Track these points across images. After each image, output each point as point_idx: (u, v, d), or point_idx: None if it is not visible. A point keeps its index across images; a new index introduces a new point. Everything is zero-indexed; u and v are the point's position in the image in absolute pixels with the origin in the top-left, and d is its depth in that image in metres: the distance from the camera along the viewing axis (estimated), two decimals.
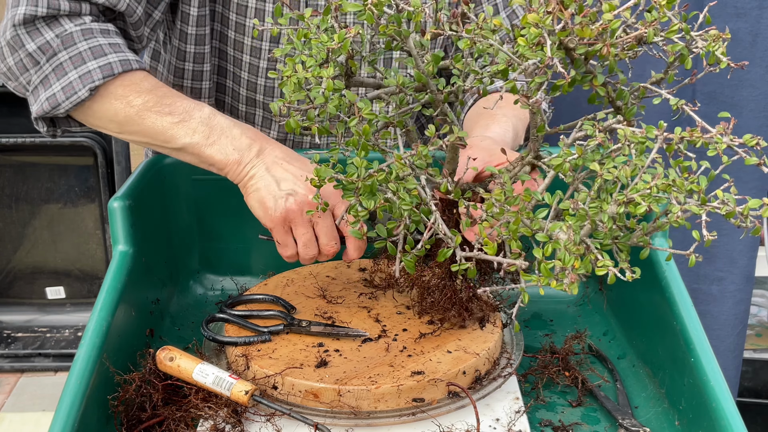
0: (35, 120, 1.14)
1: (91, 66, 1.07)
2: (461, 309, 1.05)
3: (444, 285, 1.04)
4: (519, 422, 0.97)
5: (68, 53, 1.08)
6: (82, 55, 1.07)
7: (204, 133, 1.08)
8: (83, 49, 1.08)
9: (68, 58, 1.08)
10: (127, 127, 1.10)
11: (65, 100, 1.08)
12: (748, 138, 0.80)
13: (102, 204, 2.70)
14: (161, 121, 1.08)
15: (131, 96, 1.08)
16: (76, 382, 0.90)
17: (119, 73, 1.08)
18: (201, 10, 1.24)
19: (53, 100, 1.08)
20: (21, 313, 2.86)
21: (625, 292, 1.20)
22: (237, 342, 1.04)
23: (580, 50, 0.82)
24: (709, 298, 1.88)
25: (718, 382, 0.91)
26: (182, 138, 1.08)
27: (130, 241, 1.11)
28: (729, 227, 1.82)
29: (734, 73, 1.71)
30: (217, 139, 1.07)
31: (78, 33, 1.09)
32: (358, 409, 0.95)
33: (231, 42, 1.27)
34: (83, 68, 1.07)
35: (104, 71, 1.07)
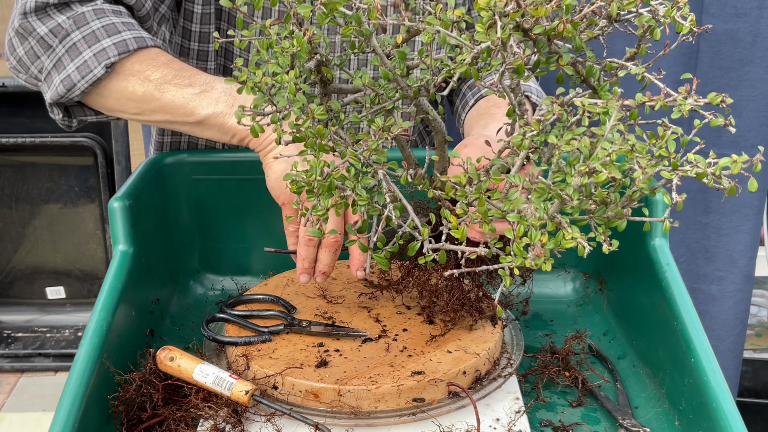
0: (50, 106, 1.12)
1: (106, 43, 1.05)
2: (471, 309, 1.04)
3: (452, 286, 1.04)
4: (519, 422, 0.97)
5: (81, 33, 1.06)
6: (95, 33, 1.06)
7: (227, 102, 1.06)
8: (96, 27, 1.06)
9: (81, 38, 1.06)
10: (146, 105, 1.08)
11: (81, 80, 1.06)
12: (713, 96, 0.79)
13: (102, 204, 2.70)
14: (182, 93, 1.06)
15: (149, 71, 1.06)
16: (76, 382, 0.90)
17: (134, 50, 1.06)
18: (206, 8, 1.24)
19: (68, 81, 1.06)
20: (21, 313, 2.86)
21: (625, 292, 1.20)
22: (237, 342, 1.04)
23: (536, 30, 0.82)
24: (709, 298, 1.88)
25: (718, 382, 0.91)
26: (205, 108, 1.05)
27: (130, 241, 1.11)
28: (728, 227, 1.82)
29: (734, 73, 1.71)
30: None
31: (90, 12, 1.07)
32: (358, 409, 0.95)
33: (234, 58, 1.28)
34: (97, 46, 1.05)
35: (119, 48, 1.05)
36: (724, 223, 1.82)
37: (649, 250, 1.10)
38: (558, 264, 1.31)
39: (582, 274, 1.31)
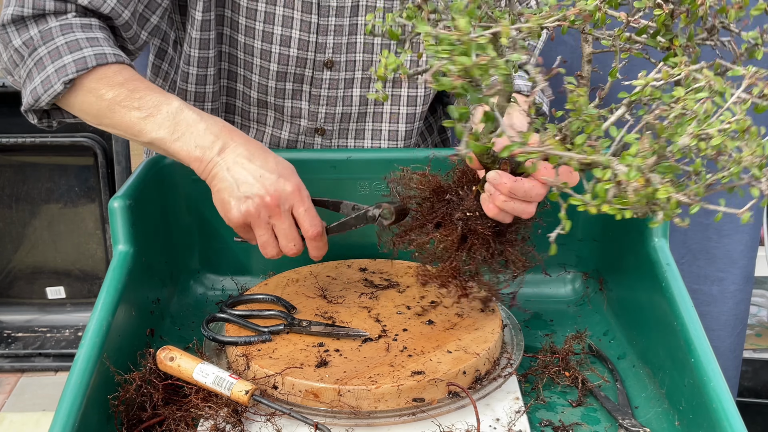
0: (24, 113, 1.16)
1: (66, 60, 1.09)
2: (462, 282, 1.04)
3: (450, 255, 1.03)
4: (519, 422, 0.97)
5: (47, 48, 1.10)
6: (59, 49, 1.10)
7: (169, 129, 1.08)
8: (60, 43, 1.10)
9: (47, 53, 1.10)
10: (101, 120, 1.12)
11: (44, 93, 1.11)
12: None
13: (102, 204, 2.70)
14: (129, 116, 1.09)
15: (103, 90, 1.10)
16: (76, 382, 0.90)
17: (93, 67, 1.09)
18: (206, 15, 1.24)
19: (35, 93, 1.12)
20: (21, 313, 2.86)
21: (625, 292, 1.20)
22: (237, 342, 1.04)
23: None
24: (709, 298, 1.88)
25: (718, 382, 0.91)
26: (150, 133, 1.09)
27: (130, 240, 1.11)
28: (729, 228, 1.82)
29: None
30: (181, 135, 1.08)
31: (57, 28, 1.11)
32: (358, 408, 0.95)
33: (241, 46, 1.27)
34: (59, 62, 1.09)
35: (78, 65, 1.09)
36: (725, 223, 1.82)
37: (649, 250, 1.10)
38: (558, 264, 1.31)
39: (582, 274, 1.31)
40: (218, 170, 1.07)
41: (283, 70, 1.28)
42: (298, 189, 1.08)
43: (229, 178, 1.07)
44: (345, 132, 1.36)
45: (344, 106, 1.33)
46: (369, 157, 1.28)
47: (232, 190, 1.06)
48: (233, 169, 1.07)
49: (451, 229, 1.02)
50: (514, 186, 0.95)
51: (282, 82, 1.30)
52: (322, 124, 1.34)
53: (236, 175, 1.07)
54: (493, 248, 1.03)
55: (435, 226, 1.04)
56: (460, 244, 1.02)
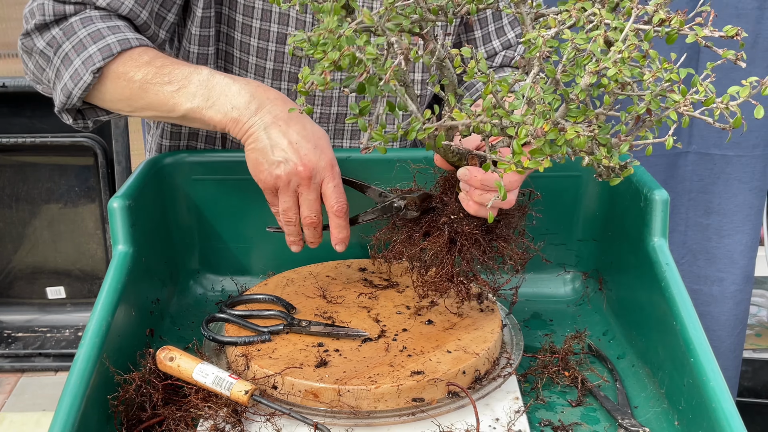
0: (58, 113, 1.17)
1: (92, 50, 1.10)
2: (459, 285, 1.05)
3: (442, 260, 1.04)
4: (519, 422, 0.97)
5: (71, 42, 1.11)
6: (82, 41, 1.11)
7: (203, 96, 1.08)
8: (83, 36, 1.11)
9: (71, 48, 1.11)
10: (134, 103, 1.12)
11: (74, 87, 1.11)
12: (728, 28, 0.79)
13: (102, 204, 2.70)
14: (162, 91, 1.10)
15: (131, 72, 1.10)
16: (76, 382, 0.90)
17: (118, 53, 1.10)
18: (206, 12, 1.24)
19: (66, 90, 1.12)
20: (21, 313, 2.86)
21: (624, 292, 1.20)
22: (237, 342, 1.04)
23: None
24: (709, 298, 1.88)
25: (718, 382, 0.91)
26: (184, 104, 1.09)
27: (130, 241, 1.11)
28: (730, 228, 1.82)
29: (735, 73, 1.71)
30: (216, 99, 1.08)
31: (77, 22, 1.12)
32: (357, 408, 0.95)
33: (237, 44, 1.27)
34: (85, 54, 1.10)
35: (104, 53, 1.10)
36: (724, 224, 1.82)
37: (648, 250, 1.10)
38: (558, 264, 1.31)
39: (582, 273, 1.31)
40: (255, 129, 1.07)
41: (279, 68, 1.28)
42: (331, 163, 1.09)
43: (265, 139, 1.07)
44: (341, 132, 1.36)
45: (339, 106, 1.33)
46: (369, 157, 1.28)
47: (267, 153, 1.06)
48: (271, 130, 1.07)
49: (438, 234, 1.03)
50: (485, 177, 0.96)
51: (278, 80, 1.30)
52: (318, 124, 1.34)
53: (273, 137, 1.07)
54: (484, 246, 1.03)
55: (423, 235, 1.05)
56: (450, 247, 1.03)
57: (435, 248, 1.03)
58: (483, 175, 0.95)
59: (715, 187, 1.80)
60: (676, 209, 1.83)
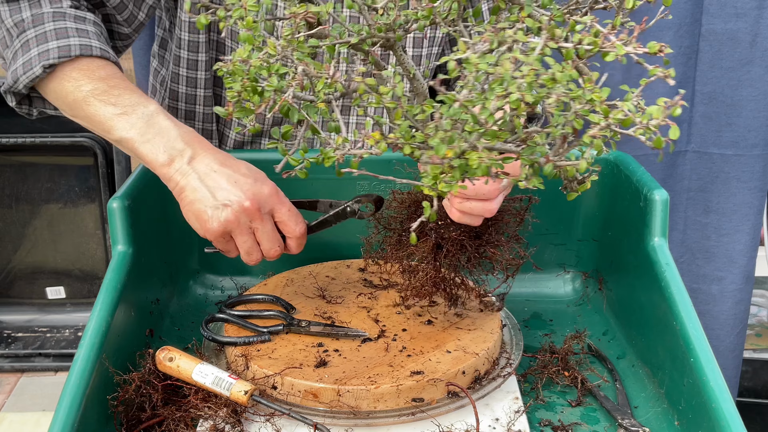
0: (4, 93, 1.16)
1: (51, 45, 1.09)
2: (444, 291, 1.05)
3: (427, 265, 1.04)
4: (518, 422, 0.97)
5: (35, 31, 1.10)
6: (46, 34, 1.10)
7: (140, 130, 1.06)
8: (49, 29, 1.10)
9: (34, 36, 1.10)
10: (75, 111, 1.11)
11: (23, 75, 1.10)
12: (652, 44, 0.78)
13: (102, 204, 2.70)
14: (104, 111, 1.07)
15: (83, 80, 1.09)
16: (75, 382, 0.90)
17: (76, 56, 1.08)
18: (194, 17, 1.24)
19: (14, 74, 1.11)
20: (21, 313, 2.85)
21: (624, 292, 1.20)
22: (236, 342, 1.04)
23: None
24: (709, 298, 1.88)
25: (718, 382, 0.91)
26: (120, 131, 1.07)
27: (129, 241, 1.11)
28: (729, 227, 1.82)
29: (734, 72, 1.71)
30: (152, 137, 1.05)
31: (49, 14, 1.11)
32: (357, 409, 0.95)
33: (228, 32, 1.27)
34: (44, 46, 1.09)
35: (62, 51, 1.08)
36: (724, 223, 1.82)
37: (648, 250, 1.10)
38: (557, 264, 1.31)
39: (581, 273, 1.31)
40: (189, 180, 1.03)
41: None
42: (275, 191, 1.05)
43: (202, 188, 1.02)
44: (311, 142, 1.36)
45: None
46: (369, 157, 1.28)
47: (207, 200, 1.02)
48: (206, 178, 1.03)
49: (425, 240, 1.03)
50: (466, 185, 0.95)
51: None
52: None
53: (209, 183, 1.03)
54: (470, 252, 1.03)
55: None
56: (436, 253, 1.03)
57: (421, 253, 1.04)
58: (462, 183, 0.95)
59: (713, 186, 1.80)
60: (675, 208, 1.83)
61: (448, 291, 1.06)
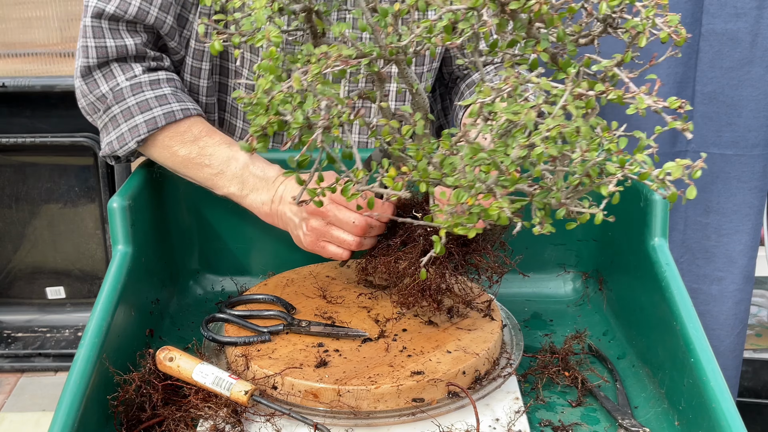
0: (103, 156, 1.26)
1: (138, 120, 1.19)
2: (430, 299, 1.05)
3: (414, 272, 1.04)
4: (519, 422, 0.97)
5: (119, 107, 1.20)
6: (131, 109, 1.19)
7: (238, 186, 1.17)
8: (132, 104, 1.19)
9: (120, 112, 1.20)
10: (177, 171, 1.22)
11: (119, 148, 1.21)
12: (672, 100, 0.79)
13: (102, 204, 2.70)
14: (203, 172, 1.19)
15: (176, 147, 1.19)
16: (76, 382, 0.90)
17: (163, 126, 1.18)
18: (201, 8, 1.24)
19: (111, 147, 1.22)
20: (21, 313, 2.85)
21: (624, 292, 1.20)
22: (237, 342, 1.04)
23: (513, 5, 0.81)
24: (709, 298, 1.88)
25: (718, 382, 0.91)
26: (223, 188, 1.19)
27: (129, 241, 1.11)
28: (729, 227, 1.82)
29: (734, 72, 1.71)
30: (249, 192, 1.17)
31: (128, 88, 1.20)
32: (357, 409, 0.95)
33: (231, 57, 1.28)
34: (132, 122, 1.19)
35: (149, 125, 1.18)
36: (724, 223, 1.82)
37: (648, 250, 1.10)
38: (558, 264, 1.31)
39: (582, 274, 1.31)
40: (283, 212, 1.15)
41: None
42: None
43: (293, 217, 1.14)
44: (349, 128, 1.36)
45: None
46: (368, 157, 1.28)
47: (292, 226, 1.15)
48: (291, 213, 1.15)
49: (413, 246, 1.03)
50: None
51: None
52: None
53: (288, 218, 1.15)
54: (458, 259, 1.04)
55: (401, 244, 1.05)
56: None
57: (409, 259, 1.04)
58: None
59: (714, 186, 1.80)
60: (675, 208, 1.83)
61: (434, 297, 1.06)
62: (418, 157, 0.85)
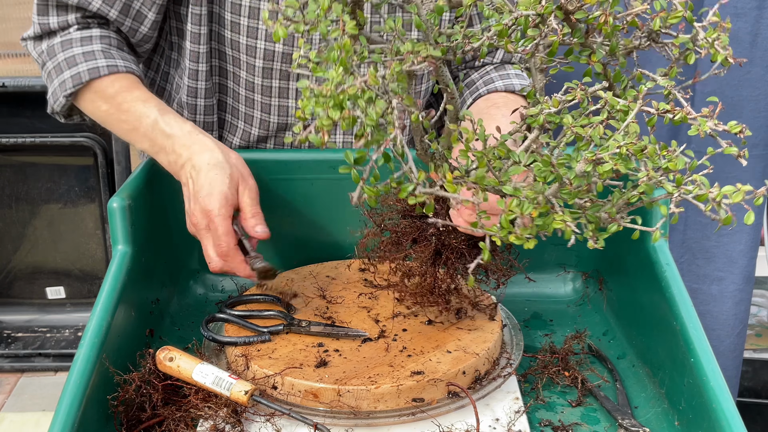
0: (51, 114, 1.29)
1: (66, 76, 1.21)
2: (439, 298, 1.05)
3: (425, 271, 1.04)
4: (519, 422, 0.97)
5: (52, 63, 1.23)
6: (60, 65, 1.22)
7: (150, 142, 1.18)
8: (61, 60, 1.22)
9: (53, 68, 1.23)
10: (105, 126, 1.25)
11: (54, 103, 1.24)
12: (733, 125, 0.79)
13: (102, 204, 2.70)
14: (120, 127, 1.22)
15: (99, 102, 1.21)
16: (76, 382, 0.90)
17: (87, 81, 1.20)
18: (195, 9, 1.24)
19: (49, 102, 1.26)
20: (21, 313, 2.86)
21: (624, 292, 1.20)
22: (237, 342, 1.04)
23: (578, 15, 0.82)
24: (709, 298, 1.88)
25: (718, 382, 0.91)
26: (137, 144, 1.22)
27: (129, 241, 1.11)
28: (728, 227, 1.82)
29: (734, 72, 1.71)
30: (158, 150, 1.18)
31: (58, 45, 1.23)
32: (357, 409, 0.95)
33: (228, 42, 1.27)
34: (61, 77, 1.22)
35: (74, 80, 1.20)
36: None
37: (649, 250, 1.10)
38: (558, 264, 1.31)
39: (582, 274, 1.31)
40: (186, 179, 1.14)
41: (269, 66, 1.28)
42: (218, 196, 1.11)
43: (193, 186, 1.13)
44: (334, 129, 1.36)
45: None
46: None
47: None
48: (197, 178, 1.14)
49: (425, 244, 1.03)
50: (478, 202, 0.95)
51: (268, 79, 1.29)
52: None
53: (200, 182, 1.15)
54: (469, 261, 1.03)
55: (412, 241, 1.05)
56: (435, 259, 1.03)
57: (421, 258, 1.03)
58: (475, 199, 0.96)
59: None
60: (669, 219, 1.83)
61: (443, 297, 1.05)
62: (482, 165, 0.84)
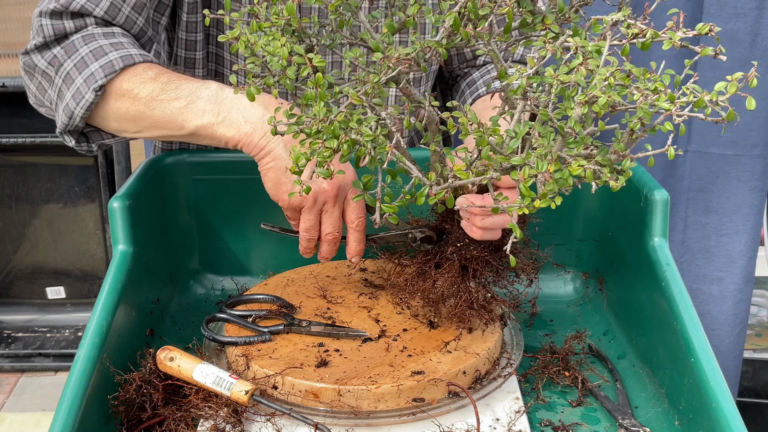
0: (60, 134, 1.13)
1: (94, 67, 1.06)
2: (481, 310, 1.04)
3: (458, 289, 1.03)
4: (519, 422, 0.97)
5: (72, 60, 1.08)
6: (84, 59, 1.07)
7: (213, 111, 1.04)
8: (85, 53, 1.07)
9: (73, 65, 1.07)
10: (141, 122, 1.08)
11: (76, 107, 1.07)
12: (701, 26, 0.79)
13: (102, 204, 2.70)
14: (170, 108, 1.05)
15: (136, 89, 1.06)
16: (76, 382, 0.90)
17: (121, 69, 1.06)
18: (191, 17, 1.23)
19: (68, 110, 1.08)
20: (21, 313, 2.86)
21: (625, 292, 1.20)
22: (237, 342, 1.04)
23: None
24: (709, 298, 1.88)
25: (718, 382, 0.91)
26: (193, 121, 1.04)
27: (130, 241, 1.11)
28: (729, 227, 1.82)
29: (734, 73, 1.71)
30: (227, 114, 1.03)
31: (79, 39, 1.09)
32: (358, 408, 0.95)
33: (226, 45, 1.27)
34: (86, 71, 1.06)
35: (106, 69, 1.06)
36: (724, 223, 1.82)
37: (648, 250, 1.10)
38: (558, 264, 1.31)
39: (582, 273, 1.31)
40: (273, 146, 1.01)
41: None
42: (353, 177, 1.04)
43: (286, 157, 1.00)
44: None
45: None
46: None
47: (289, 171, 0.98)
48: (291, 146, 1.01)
49: (449, 265, 1.03)
50: (484, 202, 0.95)
51: None
52: None
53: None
54: (496, 265, 1.03)
55: (435, 266, 1.04)
56: (463, 275, 1.03)
57: (449, 279, 1.03)
58: (482, 201, 0.95)
59: (714, 186, 1.80)
60: (675, 208, 1.84)
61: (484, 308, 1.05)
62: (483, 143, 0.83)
